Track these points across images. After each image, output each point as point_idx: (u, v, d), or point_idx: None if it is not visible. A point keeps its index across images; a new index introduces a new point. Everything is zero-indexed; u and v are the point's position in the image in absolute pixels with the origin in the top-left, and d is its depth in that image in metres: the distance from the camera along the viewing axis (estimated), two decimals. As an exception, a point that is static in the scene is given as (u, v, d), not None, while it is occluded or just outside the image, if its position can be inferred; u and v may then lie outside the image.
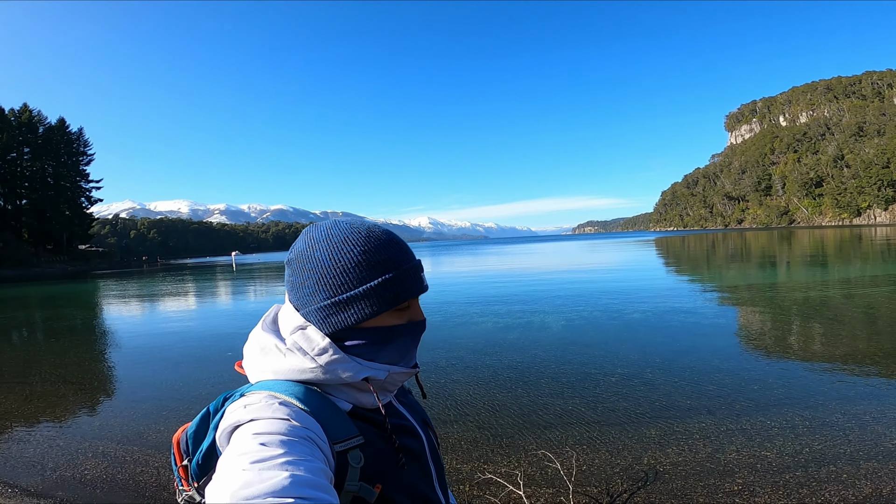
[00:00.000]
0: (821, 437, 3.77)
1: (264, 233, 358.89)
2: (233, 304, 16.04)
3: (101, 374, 7.23)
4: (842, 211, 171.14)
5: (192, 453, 0.77)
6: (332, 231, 0.78)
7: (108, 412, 5.34)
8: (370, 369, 0.77)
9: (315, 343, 0.75)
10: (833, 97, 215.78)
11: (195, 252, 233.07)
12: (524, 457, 3.71)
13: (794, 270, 17.93)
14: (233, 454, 0.59)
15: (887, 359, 5.83)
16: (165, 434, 4.48)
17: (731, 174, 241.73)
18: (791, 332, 7.80)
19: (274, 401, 0.69)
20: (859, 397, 4.57)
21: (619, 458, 3.61)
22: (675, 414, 4.40)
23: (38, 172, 72.96)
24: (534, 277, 19.15)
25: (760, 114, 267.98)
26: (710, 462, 3.47)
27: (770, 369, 5.62)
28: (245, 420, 0.66)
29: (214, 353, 8.03)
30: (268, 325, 0.83)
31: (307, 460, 0.59)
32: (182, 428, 0.81)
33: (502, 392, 5.24)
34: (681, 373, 5.62)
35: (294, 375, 0.74)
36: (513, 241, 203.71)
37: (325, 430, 0.68)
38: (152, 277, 35.90)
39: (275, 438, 0.61)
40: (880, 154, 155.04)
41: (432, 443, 0.89)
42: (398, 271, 0.77)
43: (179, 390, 5.91)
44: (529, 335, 8.06)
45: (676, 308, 10.11)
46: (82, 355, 8.43)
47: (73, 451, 4.24)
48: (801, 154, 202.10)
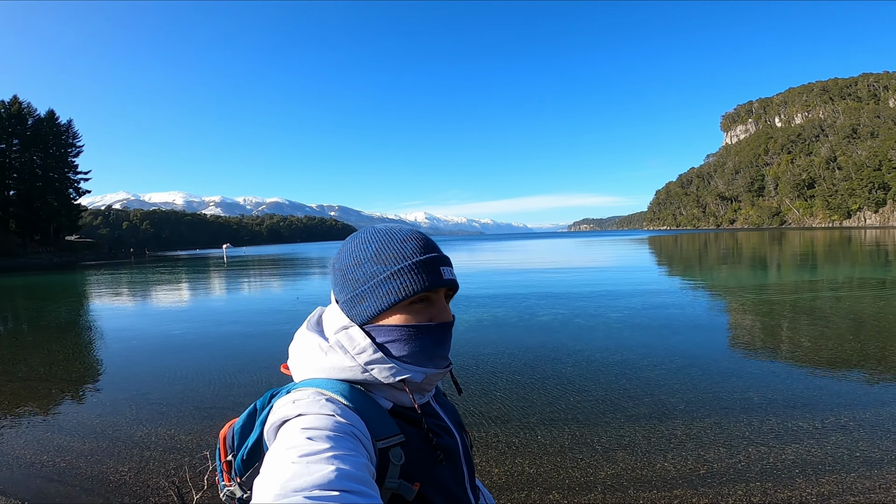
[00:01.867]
0: (795, 442, 3.77)
1: (258, 225, 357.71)
2: (213, 298, 15.95)
3: (65, 368, 7.05)
4: (832, 213, 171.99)
5: (236, 448, 0.80)
6: (365, 232, 0.85)
7: (73, 406, 5.34)
8: (407, 371, 0.79)
9: (356, 342, 0.79)
10: (829, 99, 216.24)
11: (188, 244, 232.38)
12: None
13: (782, 272, 18.12)
14: (281, 447, 0.62)
15: (868, 362, 5.91)
16: (124, 429, 4.50)
17: (725, 174, 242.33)
18: (773, 333, 7.86)
19: (321, 397, 0.72)
20: (841, 404, 4.56)
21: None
22: (642, 416, 4.42)
23: (27, 164, 72.81)
24: (518, 275, 19.25)
25: (756, 114, 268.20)
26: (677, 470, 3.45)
27: (752, 370, 5.69)
28: (293, 415, 0.69)
29: (193, 346, 8.04)
30: (312, 326, 0.86)
31: (352, 455, 0.62)
32: (229, 423, 0.84)
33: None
34: (652, 371, 5.72)
35: (335, 374, 0.77)
36: (508, 237, 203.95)
37: (369, 427, 0.71)
38: (137, 269, 35.96)
39: (321, 433, 0.64)
40: (872, 156, 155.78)
41: (465, 445, 0.91)
42: (406, 263, 0.80)
43: (144, 384, 5.92)
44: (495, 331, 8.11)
45: (656, 305, 10.32)
46: (50, 348, 8.43)
47: (33, 446, 4.18)
48: (795, 155, 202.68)
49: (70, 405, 5.42)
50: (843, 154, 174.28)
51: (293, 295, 15.63)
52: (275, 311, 12.16)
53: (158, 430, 4.43)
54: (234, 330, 9.58)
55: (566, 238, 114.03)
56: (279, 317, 11.12)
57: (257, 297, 16.41)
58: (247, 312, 12.16)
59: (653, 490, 3.21)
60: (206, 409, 4.97)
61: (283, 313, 11.57)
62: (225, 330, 9.59)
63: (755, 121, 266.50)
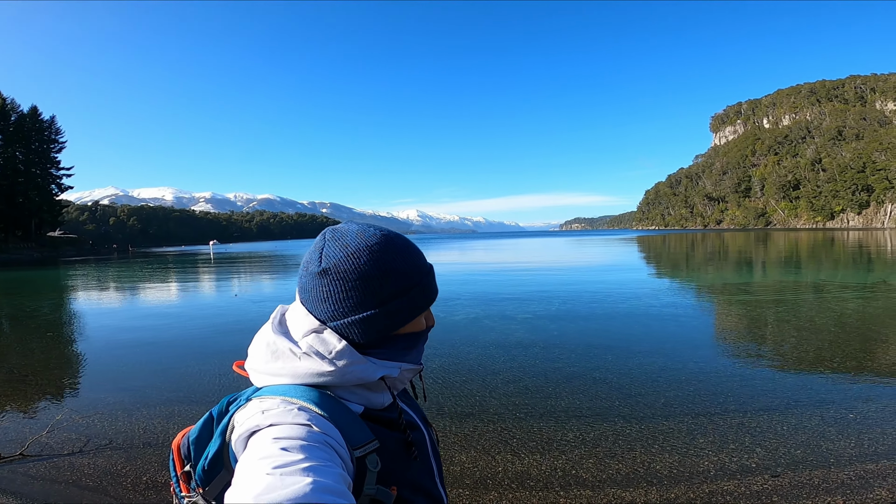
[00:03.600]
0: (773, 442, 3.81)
1: (248, 222, 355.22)
2: (190, 296, 15.59)
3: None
4: (816, 214, 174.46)
5: (193, 459, 0.77)
6: (368, 241, 0.77)
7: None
8: (385, 368, 0.78)
9: (332, 346, 0.75)
10: (816, 100, 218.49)
11: (176, 240, 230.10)
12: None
13: (767, 273, 18.36)
14: (253, 458, 0.60)
15: (847, 362, 6.01)
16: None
17: (713, 175, 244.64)
18: (753, 333, 8.02)
19: (292, 406, 0.69)
20: (815, 402, 4.64)
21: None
22: (632, 415, 4.48)
23: (10, 160, 72.25)
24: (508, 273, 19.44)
25: (745, 115, 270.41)
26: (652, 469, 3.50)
27: (735, 371, 5.77)
28: (264, 425, 0.66)
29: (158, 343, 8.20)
30: (276, 327, 0.81)
31: (328, 466, 0.60)
32: (182, 433, 0.81)
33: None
34: (636, 372, 5.80)
35: (310, 379, 0.74)
36: (500, 235, 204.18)
37: (344, 436, 0.69)
38: (116, 265, 35.78)
39: (295, 444, 0.61)
40: (856, 158, 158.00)
41: (433, 440, 0.91)
42: (428, 276, 0.82)
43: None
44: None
45: (636, 306, 10.59)
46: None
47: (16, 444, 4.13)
48: (782, 156, 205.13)
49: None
50: (827, 156, 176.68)
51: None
52: (214, 307, 12.48)
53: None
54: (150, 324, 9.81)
55: (556, 237, 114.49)
56: (213, 311, 11.45)
57: (254, 295, 16.51)
58: (190, 307, 12.39)
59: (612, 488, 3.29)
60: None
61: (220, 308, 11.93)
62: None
63: (744, 122, 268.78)
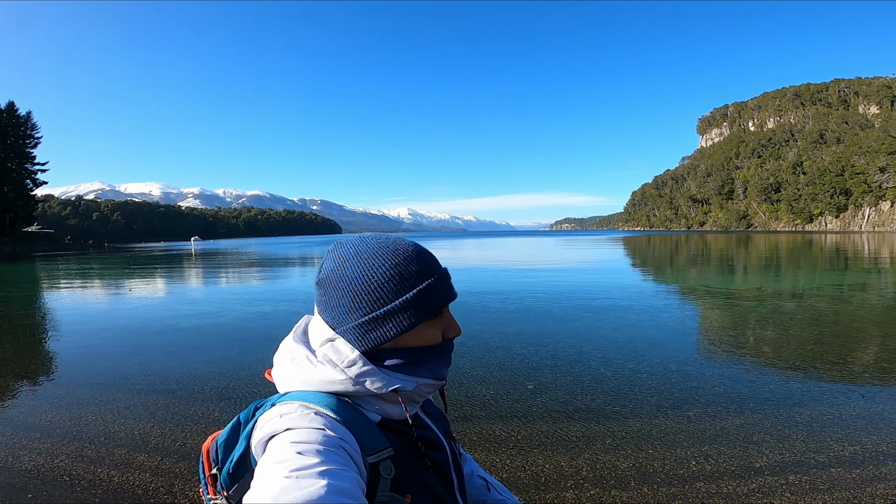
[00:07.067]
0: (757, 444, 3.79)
1: (235, 218, 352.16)
2: (159, 296, 14.90)
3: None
4: (795, 217, 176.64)
5: (221, 462, 0.79)
6: (360, 248, 0.79)
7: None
8: (399, 380, 0.78)
9: (344, 355, 0.77)
10: (800, 104, 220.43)
11: (161, 236, 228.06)
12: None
13: (747, 276, 18.76)
14: (271, 462, 0.62)
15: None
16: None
17: (698, 177, 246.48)
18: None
19: (309, 411, 0.71)
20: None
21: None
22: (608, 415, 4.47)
23: (-16, 155, 71.55)
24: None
25: (731, 118, 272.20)
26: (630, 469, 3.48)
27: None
28: (281, 429, 0.68)
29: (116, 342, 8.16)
30: (298, 336, 0.84)
31: (342, 470, 0.62)
32: (211, 437, 0.83)
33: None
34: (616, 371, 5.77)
35: (324, 387, 0.76)
36: (491, 234, 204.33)
37: (359, 441, 0.70)
38: (81, 262, 35.11)
39: (311, 448, 0.63)
40: (836, 162, 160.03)
41: (454, 454, 0.90)
42: (431, 280, 0.79)
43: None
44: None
45: (613, 305, 10.72)
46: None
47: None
48: (765, 159, 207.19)
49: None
50: (808, 159, 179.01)
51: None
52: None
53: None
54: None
55: (545, 237, 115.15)
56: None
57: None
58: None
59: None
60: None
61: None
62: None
63: (730, 124, 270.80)
